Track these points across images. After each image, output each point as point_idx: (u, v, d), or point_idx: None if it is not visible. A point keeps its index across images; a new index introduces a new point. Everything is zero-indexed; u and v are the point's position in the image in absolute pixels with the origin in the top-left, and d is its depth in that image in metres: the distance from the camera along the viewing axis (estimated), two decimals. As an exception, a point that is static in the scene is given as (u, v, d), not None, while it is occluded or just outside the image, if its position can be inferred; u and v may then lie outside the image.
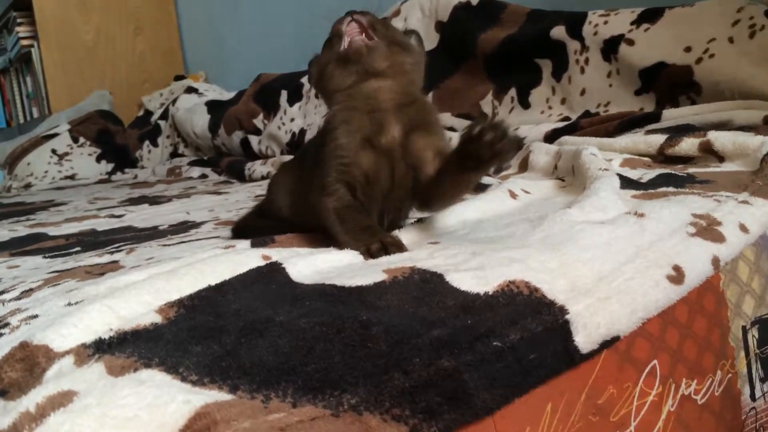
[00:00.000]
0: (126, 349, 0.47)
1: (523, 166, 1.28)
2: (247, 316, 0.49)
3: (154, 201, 1.86)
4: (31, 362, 0.46)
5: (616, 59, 1.43)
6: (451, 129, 1.76)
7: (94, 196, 2.27)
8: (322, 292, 0.54)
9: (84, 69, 3.40)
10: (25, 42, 3.45)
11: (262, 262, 0.65)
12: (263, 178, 2.14)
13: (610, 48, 1.43)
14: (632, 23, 1.41)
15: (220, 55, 3.34)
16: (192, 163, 2.78)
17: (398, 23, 2.06)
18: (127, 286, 0.60)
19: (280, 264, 0.60)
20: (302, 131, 2.31)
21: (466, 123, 1.74)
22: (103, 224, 1.46)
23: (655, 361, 0.64)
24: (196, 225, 1.26)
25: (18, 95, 3.97)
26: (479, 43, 1.76)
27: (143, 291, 0.55)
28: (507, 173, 1.30)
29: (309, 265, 0.63)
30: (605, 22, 1.45)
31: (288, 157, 2.10)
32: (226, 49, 3.28)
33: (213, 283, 0.58)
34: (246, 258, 0.66)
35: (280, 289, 0.55)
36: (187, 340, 0.46)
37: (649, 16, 1.39)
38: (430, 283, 0.56)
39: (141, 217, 1.55)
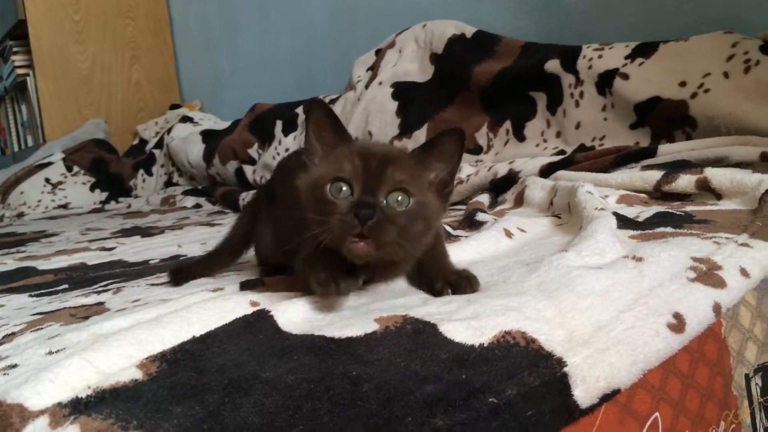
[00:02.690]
0: (104, 409, 0.44)
1: (519, 201, 1.27)
2: (232, 372, 0.47)
3: (147, 233, 1.84)
4: (4, 422, 0.43)
5: (610, 93, 1.42)
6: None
7: (87, 226, 2.25)
8: (311, 345, 0.52)
9: (79, 97, 3.40)
10: (20, 71, 3.45)
11: (250, 309, 0.63)
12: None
13: (605, 82, 1.43)
14: (626, 57, 1.41)
15: (216, 85, 3.34)
16: (186, 193, 2.77)
17: (393, 55, 2.06)
18: (108, 336, 0.57)
19: (268, 312, 0.58)
20: (297, 161, 2.30)
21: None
22: (93, 258, 1.44)
23: (657, 414, 0.62)
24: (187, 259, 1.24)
25: (13, 123, 3.96)
26: (474, 75, 1.76)
27: (125, 342, 0.53)
28: (502, 207, 1.29)
29: (298, 311, 0.61)
30: (599, 56, 1.45)
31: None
32: (222, 78, 3.28)
33: (198, 333, 0.56)
34: (233, 304, 0.64)
35: (267, 340, 0.53)
36: (167, 399, 0.44)
37: (644, 51, 1.39)
38: (422, 334, 0.54)
39: (132, 249, 1.52)
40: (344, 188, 0.68)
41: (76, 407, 0.45)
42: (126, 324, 0.67)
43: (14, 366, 0.60)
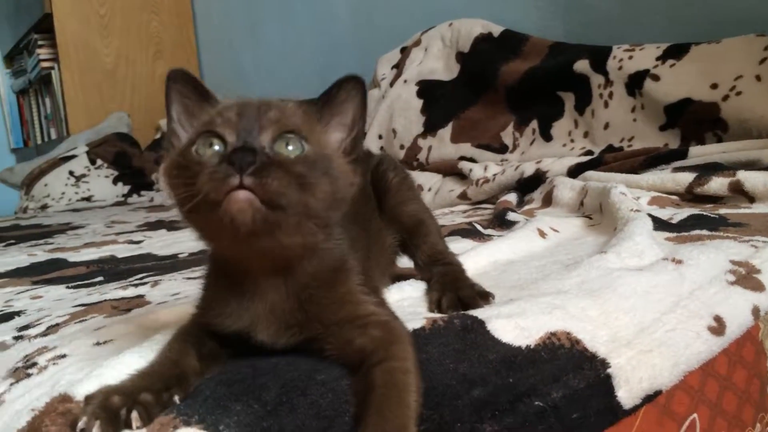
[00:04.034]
0: (164, 404, 0.45)
1: (547, 201, 1.27)
2: (286, 372, 0.48)
3: (172, 226, 1.85)
4: (72, 417, 0.45)
5: (640, 94, 1.42)
6: (471, 160, 1.76)
7: (111, 219, 2.27)
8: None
9: (103, 91, 3.43)
10: (45, 64, 3.49)
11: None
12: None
13: (635, 83, 1.42)
14: (657, 59, 1.40)
15: (238, 80, 3.36)
16: (208, 187, 2.79)
17: (419, 53, 2.07)
18: (158, 330, 0.58)
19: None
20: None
21: (487, 154, 1.74)
22: (122, 250, 1.46)
23: (695, 415, 0.62)
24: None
25: (36, 116, 4.00)
26: (500, 74, 1.76)
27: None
28: (530, 207, 1.29)
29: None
30: (630, 57, 1.45)
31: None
32: (244, 74, 3.30)
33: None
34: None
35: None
36: (226, 396, 0.45)
37: (675, 52, 1.39)
38: (471, 332, 0.55)
39: (159, 243, 1.54)
40: (215, 144, 0.51)
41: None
42: (171, 318, 0.68)
43: (63, 356, 0.61)
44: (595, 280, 0.66)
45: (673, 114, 1.36)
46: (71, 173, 3.10)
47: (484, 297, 0.63)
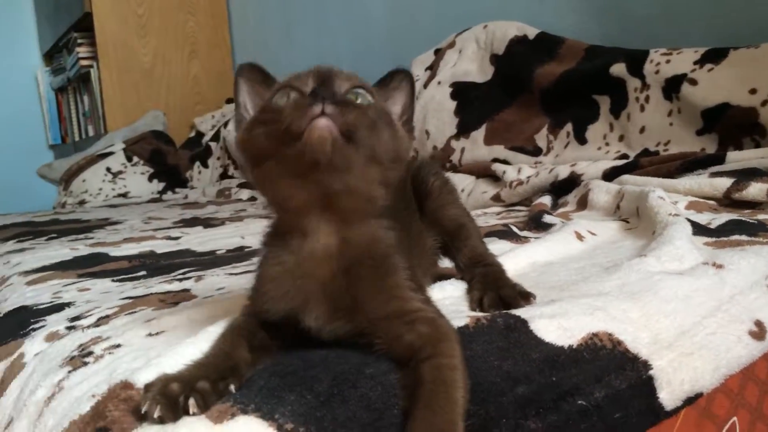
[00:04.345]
0: (222, 393, 0.47)
1: (582, 204, 1.28)
2: (336, 364, 0.49)
3: (208, 223, 1.89)
4: (133, 403, 0.47)
5: (677, 98, 1.41)
6: (504, 162, 1.76)
7: (148, 215, 2.32)
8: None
9: (140, 90, 3.49)
10: (84, 62, 3.56)
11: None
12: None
13: (672, 87, 1.42)
14: (695, 63, 1.40)
15: (272, 80, 3.39)
16: (241, 185, 2.82)
17: (453, 55, 2.08)
18: (207, 322, 0.61)
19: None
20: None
21: (520, 157, 1.74)
22: (161, 246, 1.49)
23: (735, 418, 0.63)
24: (252, 252, 1.28)
25: (74, 113, 4.09)
26: (535, 77, 1.76)
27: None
28: (565, 210, 1.29)
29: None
30: (667, 61, 1.44)
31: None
32: (278, 75, 3.32)
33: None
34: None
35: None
36: (280, 386, 0.46)
37: (713, 57, 1.38)
38: (514, 331, 0.56)
39: (197, 240, 1.57)
40: (293, 93, 0.55)
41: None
42: (218, 311, 0.70)
43: (118, 346, 0.63)
44: (636, 283, 0.66)
45: (711, 119, 1.35)
46: (108, 170, 3.16)
47: (525, 297, 0.64)
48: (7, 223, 2.33)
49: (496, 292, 0.65)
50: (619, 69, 1.53)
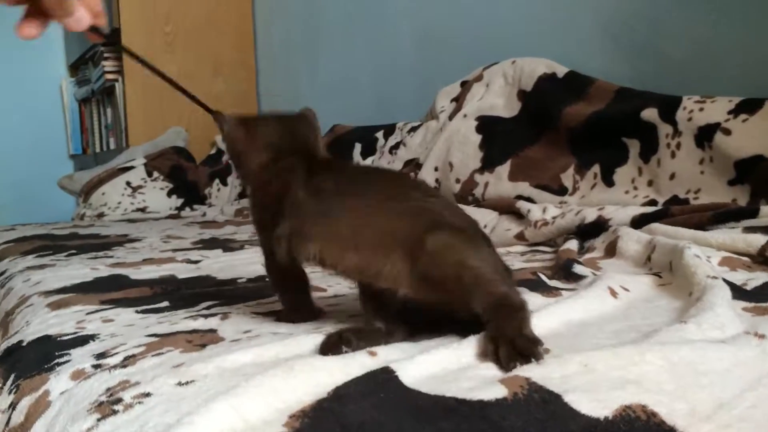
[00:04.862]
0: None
1: (610, 252, 1.26)
2: None
3: (227, 247, 1.89)
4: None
5: (710, 147, 1.40)
6: (528, 199, 1.75)
7: (167, 233, 2.32)
8: (446, 407, 0.53)
9: (164, 106, 3.52)
10: (110, 76, 3.60)
11: (368, 359, 0.65)
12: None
13: (705, 135, 1.40)
14: (729, 112, 1.38)
15: (293, 102, 3.41)
16: (260, 206, 2.82)
17: (480, 88, 2.08)
18: (237, 371, 0.60)
19: (393, 371, 0.59)
20: (374, 186, 2.33)
21: (545, 195, 1.73)
22: (181, 270, 1.49)
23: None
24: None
25: (97, 125, 4.13)
26: (563, 116, 1.75)
27: (263, 390, 0.55)
28: (592, 256, 1.27)
29: (420, 369, 0.62)
30: (701, 109, 1.43)
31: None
32: (300, 97, 3.35)
33: (325, 382, 0.58)
34: (350, 357, 0.66)
35: (399, 401, 0.54)
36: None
37: (748, 107, 1.36)
38: (549, 404, 0.55)
39: (217, 265, 1.57)
40: None
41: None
42: (248, 359, 0.69)
43: (148, 395, 0.62)
44: (675, 352, 0.65)
45: (744, 169, 1.34)
46: (128, 184, 3.18)
47: (534, 342, 0.65)
48: (27, 235, 2.34)
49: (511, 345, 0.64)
50: (650, 114, 1.52)
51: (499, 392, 0.56)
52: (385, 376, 0.59)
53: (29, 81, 4.36)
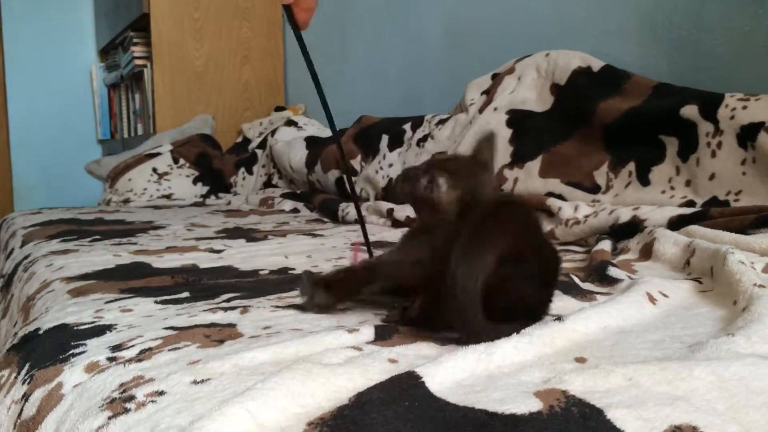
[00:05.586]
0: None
1: (645, 254, 1.21)
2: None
3: (251, 237, 1.86)
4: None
5: (753, 147, 1.34)
6: (559, 196, 1.70)
7: (191, 221, 2.31)
8: (475, 421, 0.49)
9: (191, 93, 3.51)
10: (138, 62, 3.60)
11: (388, 365, 0.62)
12: (356, 221, 2.12)
13: (748, 135, 1.34)
14: (775, 111, 1.32)
15: (322, 91, 3.38)
16: (285, 196, 2.80)
17: (511, 81, 2.02)
18: (253, 371, 0.57)
19: (419, 377, 0.56)
20: (400, 178, 2.29)
21: (577, 193, 1.68)
22: (203, 260, 1.47)
23: None
24: (296, 277, 1.24)
25: (125, 110, 4.14)
26: (598, 111, 1.70)
27: (280, 393, 0.52)
28: (626, 258, 1.23)
29: (446, 375, 0.58)
30: (744, 107, 1.37)
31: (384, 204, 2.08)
32: (328, 86, 3.31)
33: (346, 387, 0.55)
34: (371, 360, 0.62)
35: (425, 410, 0.51)
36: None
37: (796, 106, 1.30)
38: (590, 420, 0.51)
39: (240, 255, 1.54)
40: None
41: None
42: (266, 357, 0.66)
43: (161, 393, 0.60)
44: (724, 368, 0.60)
45: (789, 171, 1.28)
46: (155, 170, 3.18)
47: None
48: (53, 219, 2.34)
49: None
50: (690, 111, 1.46)
51: (533, 405, 0.52)
52: (410, 382, 0.55)
53: (60, 66, 4.39)
